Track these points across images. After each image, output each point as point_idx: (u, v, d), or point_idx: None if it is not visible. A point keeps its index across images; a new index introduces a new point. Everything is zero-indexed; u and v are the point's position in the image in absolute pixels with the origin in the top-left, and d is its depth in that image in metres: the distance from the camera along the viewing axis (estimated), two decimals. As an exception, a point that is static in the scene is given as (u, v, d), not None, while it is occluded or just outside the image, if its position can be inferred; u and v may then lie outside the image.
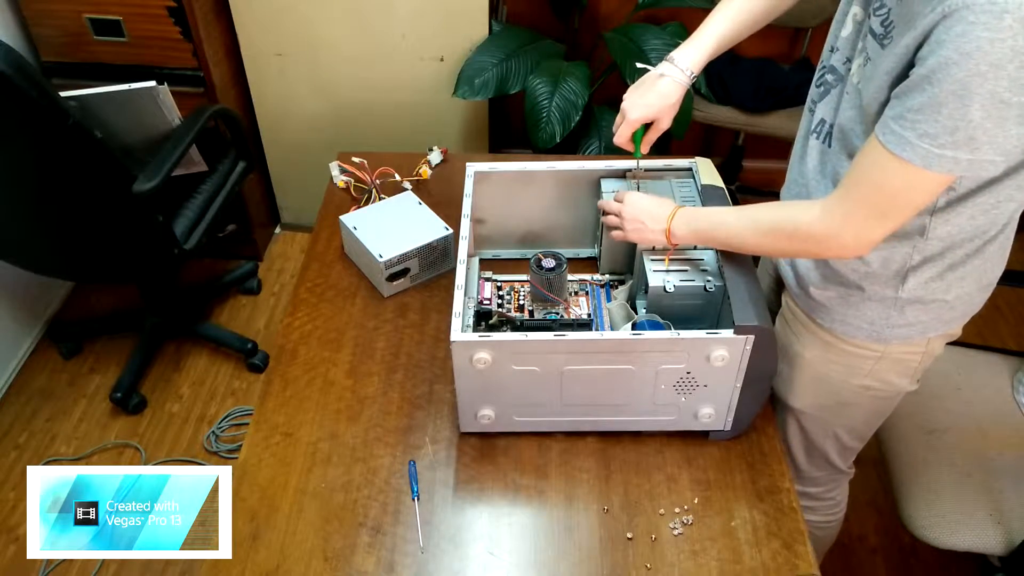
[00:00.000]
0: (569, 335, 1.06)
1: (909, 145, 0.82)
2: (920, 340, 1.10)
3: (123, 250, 1.92)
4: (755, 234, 1.03)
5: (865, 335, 1.10)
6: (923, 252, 1.00)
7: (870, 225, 0.91)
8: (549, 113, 2.08)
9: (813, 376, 1.19)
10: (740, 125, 2.43)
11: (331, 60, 2.29)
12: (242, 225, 2.52)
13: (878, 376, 1.14)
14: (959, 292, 1.05)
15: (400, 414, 1.22)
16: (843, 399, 1.19)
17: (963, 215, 0.95)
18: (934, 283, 1.03)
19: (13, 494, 1.95)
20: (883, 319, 1.08)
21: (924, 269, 1.02)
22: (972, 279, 1.04)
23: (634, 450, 1.17)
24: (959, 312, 1.08)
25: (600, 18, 2.58)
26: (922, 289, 1.04)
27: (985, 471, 1.42)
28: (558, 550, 1.06)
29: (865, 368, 1.14)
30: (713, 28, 1.18)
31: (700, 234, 1.11)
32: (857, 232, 0.92)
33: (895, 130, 0.83)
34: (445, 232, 1.42)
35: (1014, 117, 0.77)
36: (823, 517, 1.44)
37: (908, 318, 1.07)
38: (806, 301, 1.15)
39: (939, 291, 1.04)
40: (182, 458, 2.04)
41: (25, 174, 1.70)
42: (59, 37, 2.11)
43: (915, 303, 1.05)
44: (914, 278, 1.03)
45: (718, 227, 1.09)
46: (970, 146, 0.79)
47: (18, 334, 2.27)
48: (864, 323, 1.09)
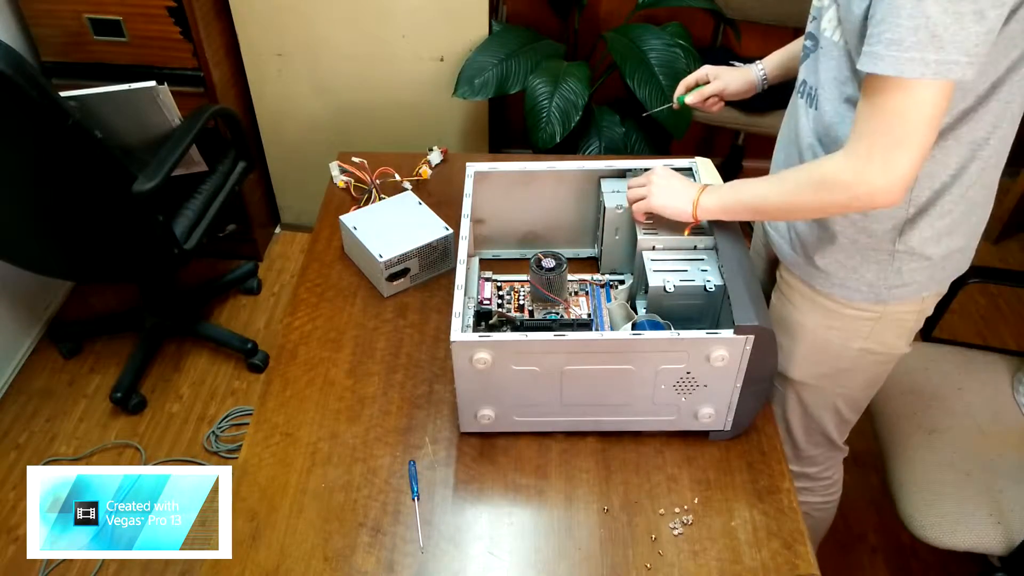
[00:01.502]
0: (569, 335, 1.06)
1: (879, 58, 0.86)
2: (915, 299, 1.14)
3: (123, 250, 1.92)
4: (782, 193, 1.04)
5: (863, 297, 1.13)
6: (916, 203, 1.04)
7: (894, 156, 0.90)
8: (549, 113, 2.08)
9: (813, 344, 1.22)
10: (740, 125, 2.43)
11: (331, 60, 2.29)
12: (242, 225, 2.52)
13: (877, 338, 1.18)
14: (949, 246, 1.09)
15: (400, 414, 1.23)
16: (843, 365, 1.22)
17: (943, 149, 0.99)
18: (927, 235, 1.07)
19: (13, 494, 1.95)
20: (881, 280, 1.11)
21: (918, 222, 1.05)
22: (960, 232, 1.09)
23: (634, 450, 1.17)
24: (950, 270, 1.13)
25: (600, 18, 2.58)
26: (917, 241, 1.07)
27: (985, 471, 1.42)
28: (558, 550, 1.06)
29: (864, 330, 1.17)
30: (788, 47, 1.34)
31: (727, 202, 1.12)
32: (884, 166, 0.91)
33: (867, 51, 0.87)
34: (445, 232, 1.42)
35: (969, 14, 0.81)
36: (821, 498, 1.47)
37: (904, 278, 1.11)
38: (804, 269, 1.17)
39: (931, 243, 1.07)
40: (182, 458, 2.04)
41: (25, 174, 1.70)
42: (59, 37, 2.12)
43: (911, 259, 1.09)
44: (910, 232, 1.06)
45: (746, 194, 1.09)
46: (934, 44, 0.82)
47: (18, 334, 2.28)
48: (863, 285, 1.12)
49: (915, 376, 1.59)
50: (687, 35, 2.25)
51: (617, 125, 2.19)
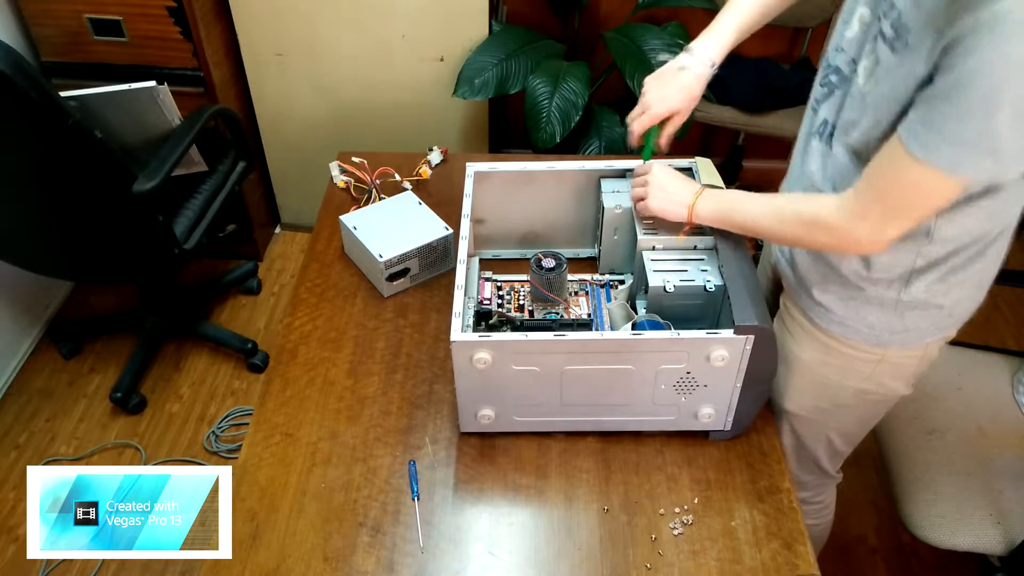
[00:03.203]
0: (569, 335, 1.06)
1: (936, 150, 0.82)
2: (918, 346, 1.10)
3: (123, 250, 1.92)
4: (774, 221, 1.04)
5: (864, 338, 1.10)
6: (927, 256, 1.00)
7: (885, 223, 0.91)
8: (549, 113, 2.08)
9: (810, 378, 1.19)
10: (740, 125, 2.43)
11: (331, 60, 2.29)
12: (242, 225, 2.52)
13: (875, 380, 1.14)
14: (958, 296, 1.05)
15: (400, 414, 1.22)
16: (838, 402, 1.19)
17: (970, 217, 0.95)
18: (935, 287, 1.03)
19: (13, 494, 1.95)
20: (883, 323, 1.08)
21: (927, 273, 1.02)
22: (971, 283, 1.05)
23: (634, 450, 1.17)
24: (956, 318, 1.09)
25: (600, 18, 2.58)
26: (924, 293, 1.04)
27: (985, 471, 1.42)
28: (558, 550, 1.06)
29: (864, 371, 1.14)
30: (731, 17, 1.18)
31: (722, 214, 1.11)
32: (872, 228, 0.92)
33: (921, 134, 0.83)
34: (445, 232, 1.42)
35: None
36: (813, 520, 1.44)
37: (907, 324, 1.07)
38: (805, 301, 1.14)
39: (939, 295, 1.04)
40: (182, 458, 2.04)
41: (25, 174, 1.70)
42: (59, 37, 2.11)
43: (916, 308, 1.05)
44: (917, 282, 1.03)
45: (740, 210, 1.09)
46: (994, 155, 0.80)
47: (18, 334, 2.28)
48: (863, 326, 1.09)
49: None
50: (687, 35, 2.25)
51: (617, 125, 2.19)
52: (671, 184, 1.16)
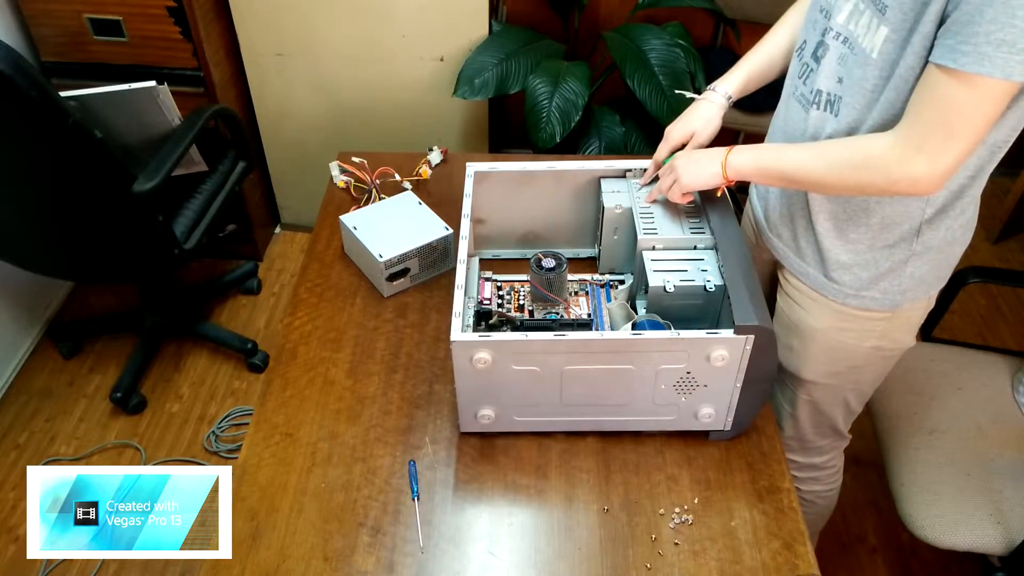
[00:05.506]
0: (569, 335, 1.06)
1: (988, 59, 0.84)
2: (924, 297, 1.17)
3: (123, 250, 1.92)
4: (822, 164, 1.02)
5: (878, 304, 1.15)
6: (934, 204, 1.05)
7: (944, 149, 0.91)
8: (549, 113, 2.07)
9: (827, 345, 1.23)
10: (740, 125, 2.42)
11: (331, 60, 2.29)
12: (242, 225, 2.52)
13: (888, 336, 1.20)
14: (960, 239, 1.12)
15: (400, 414, 1.23)
16: (855, 363, 1.24)
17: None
18: (941, 235, 1.09)
19: (13, 494, 1.95)
20: (895, 286, 1.13)
21: (935, 223, 1.07)
22: (967, 227, 1.12)
23: (634, 450, 1.17)
24: (951, 263, 1.16)
25: (600, 18, 2.58)
26: (934, 241, 1.09)
27: (985, 471, 1.42)
28: (558, 550, 1.06)
29: (877, 330, 1.19)
30: (748, 59, 1.28)
31: (760, 163, 1.10)
32: (932, 158, 0.91)
33: (966, 51, 0.85)
34: (445, 232, 1.42)
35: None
36: (826, 486, 1.49)
37: (916, 279, 1.13)
38: (816, 280, 1.18)
39: (944, 243, 1.10)
40: (182, 458, 2.04)
41: (25, 174, 1.70)
42: (59, 37, 2.12)
43: (924, 263, 1.11)
44: (928, 233, 1.08)
45: (780, 158, 1.08)
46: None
47: (18, 334, 2.28)
48: (877, 293, 1.14)
49: (915, 376, 1.59)
50: (687, 35, 2.25)
51: (617, 125, 2.19)
52: (697, 154, 1.18)
